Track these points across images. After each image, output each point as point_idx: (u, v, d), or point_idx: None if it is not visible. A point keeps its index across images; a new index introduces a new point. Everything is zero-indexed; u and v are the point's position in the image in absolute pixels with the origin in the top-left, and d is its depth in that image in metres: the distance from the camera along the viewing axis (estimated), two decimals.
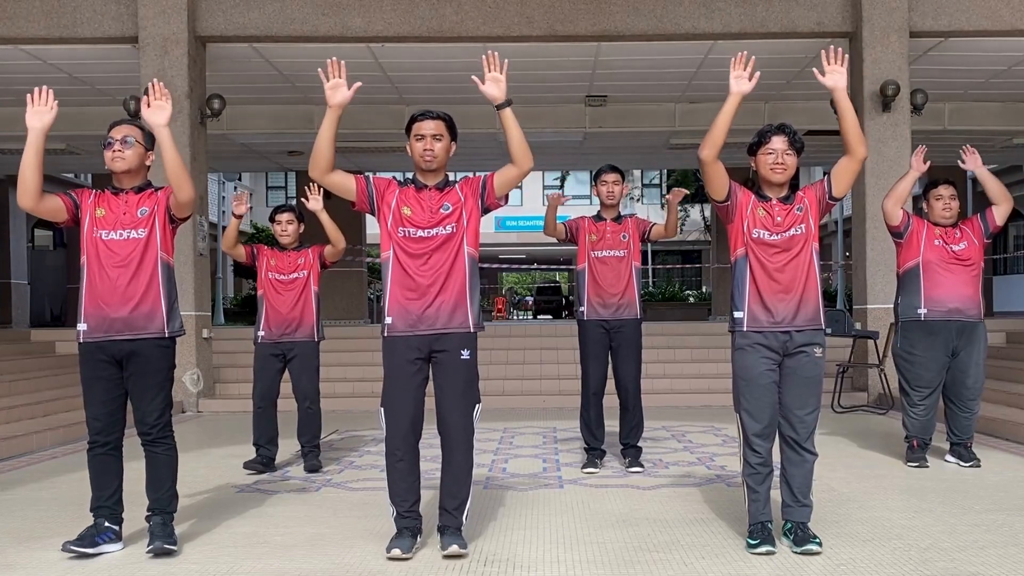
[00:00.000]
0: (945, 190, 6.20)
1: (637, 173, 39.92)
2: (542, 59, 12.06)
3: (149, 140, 4.29)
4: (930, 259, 6.16)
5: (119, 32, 10.72)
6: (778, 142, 4.16)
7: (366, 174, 4.35)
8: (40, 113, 4.07)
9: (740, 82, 4.11)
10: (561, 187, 40.19)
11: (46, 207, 4.13)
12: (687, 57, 12.06)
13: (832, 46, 4.29)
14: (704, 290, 31.19)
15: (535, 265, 40.76)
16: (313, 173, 4.13)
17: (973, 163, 6.25)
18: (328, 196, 5.58)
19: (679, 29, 10.92)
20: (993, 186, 6.24)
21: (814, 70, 4.26)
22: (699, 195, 36.11)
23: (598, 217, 6.30)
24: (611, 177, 6.21)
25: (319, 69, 4.12)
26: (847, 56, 4.17)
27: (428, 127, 4.13)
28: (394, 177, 4.39)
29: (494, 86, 4.07)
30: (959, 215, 6.29)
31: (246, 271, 21.58)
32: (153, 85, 4.23)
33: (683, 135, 15.27)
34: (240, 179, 37.00)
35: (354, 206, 4.29)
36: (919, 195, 6.63)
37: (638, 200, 39.35)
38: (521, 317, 36.20)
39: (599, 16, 10.90)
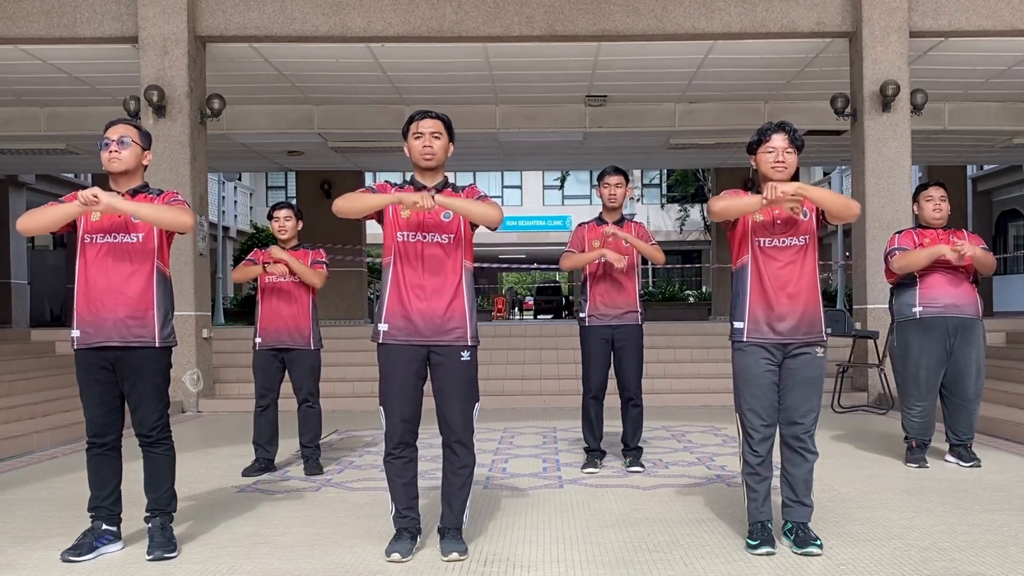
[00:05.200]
0: (935, 191, 6.18)
1: (637, 173, 39.95)
2: (542, 59, 12.06)
3: (146, 139, 4.26)
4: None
5: (119, 32, 10.72)
6: (778, 140, 4.15)
7: (370, 186, 4.30)
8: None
9: (775, 191, 4.00)
10: (561, 187, 40.22)
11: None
12: (687, 57, 12.06)
13: None
14: (704, 290, 31.16)
15: (535, 265, 40.73)
16: (341, 213, 4.13)
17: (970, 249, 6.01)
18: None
19: (679, 29, 10.92)
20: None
21: None
22: (699, 195, 36.21)
23: (599, 220, 6.25)
24: (614, 180, 6.14)
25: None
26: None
27: (427, 126, 4.14)
28: (387, 181, 4.35)
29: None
30: (959, 221, 6.25)
31: None
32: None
33: (683, 135, 15.27)
34: (240, 179, 37.00)
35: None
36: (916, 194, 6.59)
37: (638, 200, 39.37)
38: (518, 318, 36.14)
39: (599, 16, 10.90)
